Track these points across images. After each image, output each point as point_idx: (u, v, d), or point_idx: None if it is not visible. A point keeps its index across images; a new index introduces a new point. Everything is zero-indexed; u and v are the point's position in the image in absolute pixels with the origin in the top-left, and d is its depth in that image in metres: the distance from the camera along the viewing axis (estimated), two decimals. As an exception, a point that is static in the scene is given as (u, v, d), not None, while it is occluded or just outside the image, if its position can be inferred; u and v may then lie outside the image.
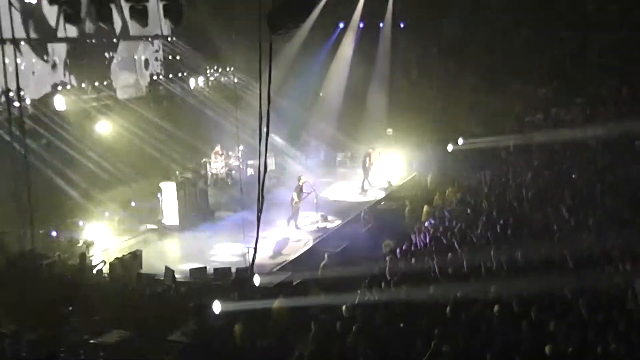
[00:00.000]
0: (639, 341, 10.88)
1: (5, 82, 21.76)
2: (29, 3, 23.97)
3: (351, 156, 32.86)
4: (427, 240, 18.04)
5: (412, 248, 17.85)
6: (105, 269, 18.63)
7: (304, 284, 17.22)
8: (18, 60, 23.31)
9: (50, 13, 24.71)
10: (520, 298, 12.52)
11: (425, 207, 21.90)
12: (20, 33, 23.57)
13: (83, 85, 27.34)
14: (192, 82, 32.44)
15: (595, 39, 32.83)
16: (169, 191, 23.30)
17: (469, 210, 19.98)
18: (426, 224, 20.26)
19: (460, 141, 29.26)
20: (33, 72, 25.53)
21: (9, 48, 21.38)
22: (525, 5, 33.15)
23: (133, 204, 24.41)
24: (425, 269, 15.38)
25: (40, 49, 25.85)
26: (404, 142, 31.39)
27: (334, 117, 34.72)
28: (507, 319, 12.06)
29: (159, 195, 23.57)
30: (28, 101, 24.33)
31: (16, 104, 21.72)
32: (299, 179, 23.18)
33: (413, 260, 16.08)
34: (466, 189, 23.17)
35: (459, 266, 15.00)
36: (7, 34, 19.60)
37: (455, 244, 16.72)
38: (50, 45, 26.16)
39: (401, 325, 12.57)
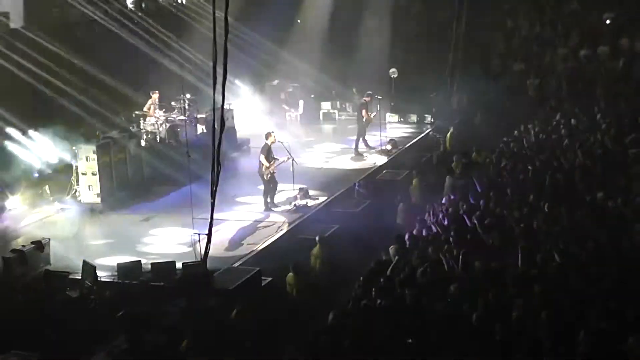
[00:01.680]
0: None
1: None
2: None
3: (341, 107, 32.86)
4: (446, 223, 18.11)
5: (425, 234, 17.94)
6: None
7: (275, 284, 17.35)
8: None
9: None
10: (576, 301, 12.63)
11: (447, 179, 21.96)
12: None
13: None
14: (118, 4, 32.08)
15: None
16: (87, 157, 23.16)
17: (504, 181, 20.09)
18: (444, 200, 20.35)
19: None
20: None
21: None
22: None
23: (36, 174, 24.31)
24: (443, 262, 15.45)
25: None
26: (413, 86, 31.39)
27: (317, 53, 34.74)
28: (559, 330, 12.12)
29: (72, 162, 23.42)
30: None
31: None
32: (268, 137, 23.17)
33: (429, 250, 16.14)
34: (501, 151, 23.26)
35: (490, 259, 15.06)
36: None
37: (484, 228, 16.80)
38: None
39: (409, 341, 12.64)
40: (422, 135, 29.65)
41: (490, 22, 35.71)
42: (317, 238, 18.66)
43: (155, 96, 27.46)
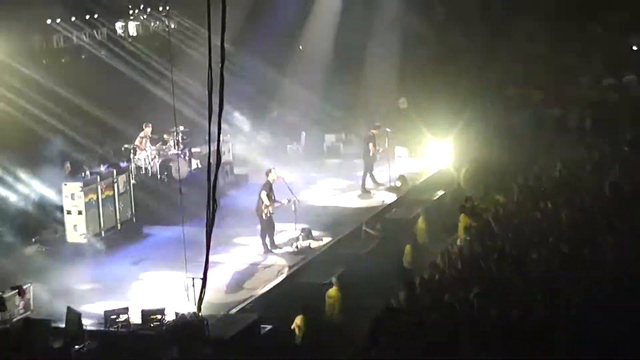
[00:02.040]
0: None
1: None
2: None
3: (346, 139, 32.96)
4: (460, 267, 18.04)
5: (438, 278, 17.86)
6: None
7: (276, 333, 17.39)
8: None
9: None
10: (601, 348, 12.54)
11: (462, 217, 21.94)
12: None
13: None
14: (106, 28, 32.33)
15: None
16: (72, 194, 23.16)
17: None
18: (458, 242, 20.33)
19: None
20: None
21: None
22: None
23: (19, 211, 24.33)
24: (456, 308, 15.38)
25: None
26: (424, 117, 31.50)
27: (320, 81, 34.91)
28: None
29: (57, 199, 23.49)
30: None
31: None
32: (268, 173, 23.21)
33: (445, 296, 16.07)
34: (522, 186, 23.25)
35: (508, 304, 14.96)
36: None
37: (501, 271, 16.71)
38: None
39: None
40: (434, 171, 29.61)
41: (507, 48, 35.64)
42: (333, 279, 18.75)
43: (147, 129, 27.50)
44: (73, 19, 31.70)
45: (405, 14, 36.05)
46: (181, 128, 27.26)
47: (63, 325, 17.48)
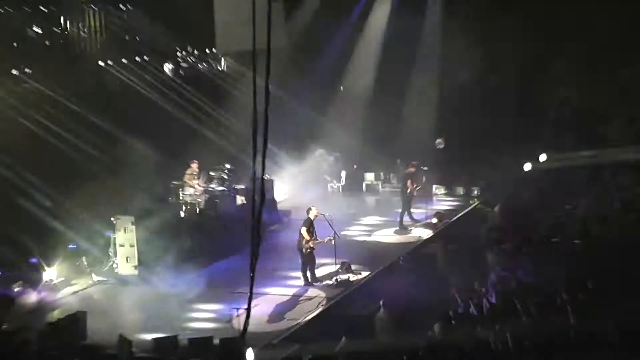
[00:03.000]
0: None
1: None
2: None
3: (385, 178, 33.13)
4: (492, 302, 18.26)
5: (475, 312, 18.09)
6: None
7: None
8: None
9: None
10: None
11: (495, 254, 22.27)
12: None
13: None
14: (155, 69, 32.72)
15: None
16: (125, 228, 23.81)
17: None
18: (492, 276, 20.57)
19: (543, 157, 29.72)
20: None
21: None
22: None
23: (73, 246, 24.71)
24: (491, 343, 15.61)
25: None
26: (461, 157, 31.71)
27: (360, 121, 35.32)
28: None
29: (109, 234, 24.02)
30: None
31: None
32: (309, 211, 23.49)
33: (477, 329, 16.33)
34: (547, 228, 23.43)
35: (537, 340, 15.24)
36: None
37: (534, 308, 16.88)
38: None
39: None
40: (469, 208, 29.83)
41: (539, 90, 35.77)
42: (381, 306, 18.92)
43: (194, 166, 27.65)
44: (123, 60, 32.19)
45: (444, 59, 36.22)
46: (227, 166, 27.59)
47: (115, 352, 17.77)
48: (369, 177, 34.00)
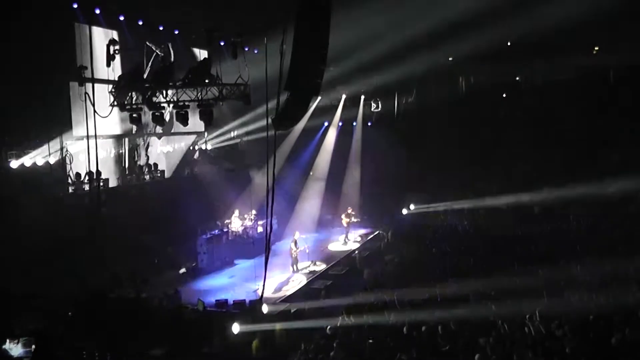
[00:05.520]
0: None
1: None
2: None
3: (333, 218, 32.56)
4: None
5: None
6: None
7: (299, 312, 17.24)
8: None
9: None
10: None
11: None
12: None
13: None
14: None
15: None
16: (204, 242, 23.31)
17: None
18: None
19: (412, 207, 29.93)
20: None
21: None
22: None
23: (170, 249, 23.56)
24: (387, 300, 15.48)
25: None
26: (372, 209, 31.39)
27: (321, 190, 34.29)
28: (447, 337, 12.19)
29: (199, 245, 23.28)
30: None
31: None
32: (295, 234, 23.32)
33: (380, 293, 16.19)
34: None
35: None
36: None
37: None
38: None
39: (370, 340, 12.68)
40: (375, 233, 28.82)
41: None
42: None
43: (236, 212, 26.05)
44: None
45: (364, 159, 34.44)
46: (253, 212, 26.28)
47: (197, 307, 17.61)
48: (327, 216, 31.16)
